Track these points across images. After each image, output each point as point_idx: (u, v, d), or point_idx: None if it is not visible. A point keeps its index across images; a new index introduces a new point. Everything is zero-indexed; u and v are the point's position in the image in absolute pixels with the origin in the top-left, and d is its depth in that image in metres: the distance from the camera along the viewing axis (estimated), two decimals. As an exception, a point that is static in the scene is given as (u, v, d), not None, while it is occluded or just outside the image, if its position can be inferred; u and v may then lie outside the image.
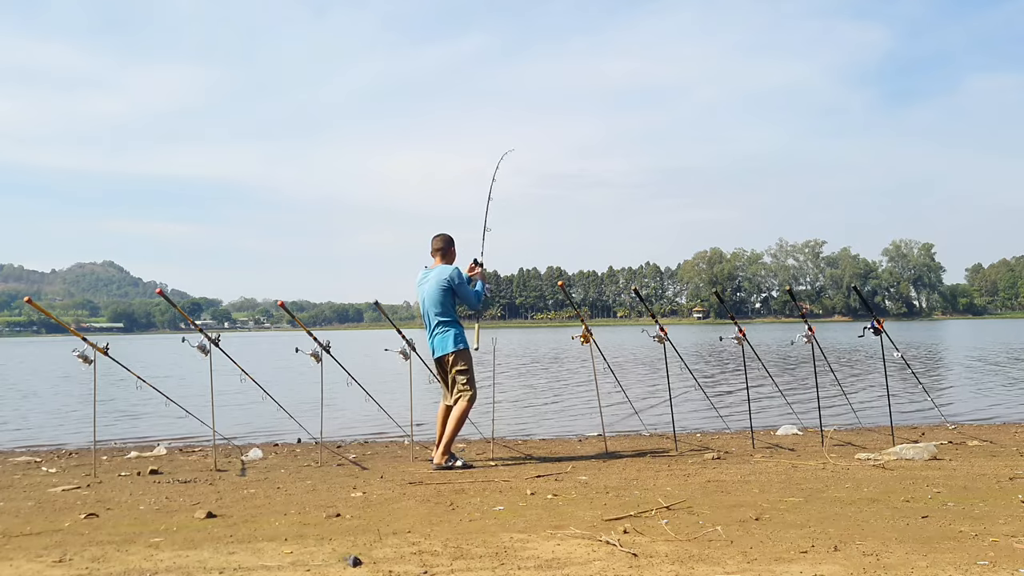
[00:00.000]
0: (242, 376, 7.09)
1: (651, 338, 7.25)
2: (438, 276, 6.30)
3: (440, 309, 6.28)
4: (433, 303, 6.28)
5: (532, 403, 13.02)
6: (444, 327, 6.28)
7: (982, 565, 3.19)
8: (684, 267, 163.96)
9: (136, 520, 4.34)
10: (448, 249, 6.46)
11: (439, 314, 6.28)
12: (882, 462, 6.09)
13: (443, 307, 6.28)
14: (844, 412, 9.98)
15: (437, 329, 6.30)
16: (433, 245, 6.49)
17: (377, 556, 3.45)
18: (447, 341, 6.25)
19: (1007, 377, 16.69)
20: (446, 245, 6.46)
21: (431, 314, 6.32)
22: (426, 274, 6.42)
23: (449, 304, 6.31)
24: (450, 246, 6.47)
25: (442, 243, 6.46)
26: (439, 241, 6.47)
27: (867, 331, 7.16)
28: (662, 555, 3.41)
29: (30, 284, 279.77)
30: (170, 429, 10.01)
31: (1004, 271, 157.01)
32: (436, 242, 6.48)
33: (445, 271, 6.30)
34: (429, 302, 6.31)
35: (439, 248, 6.46)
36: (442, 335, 6.27)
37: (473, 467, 6.28)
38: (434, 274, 6.34)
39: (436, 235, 6.51)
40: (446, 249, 6.46)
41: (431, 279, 6.34)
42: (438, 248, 6.46)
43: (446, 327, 6.28)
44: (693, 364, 20.15)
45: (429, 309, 6.32)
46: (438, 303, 6.27)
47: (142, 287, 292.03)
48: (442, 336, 6.27)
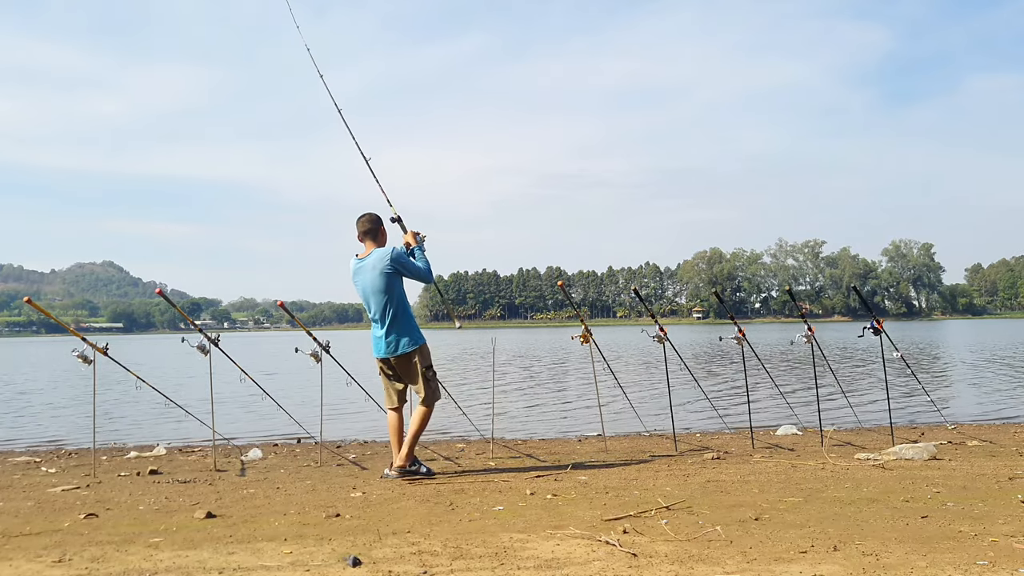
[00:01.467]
0: (242, 376, 7.09)
1: (651, 338, 7.25)
2: (378, 261, 5.51)
3: (390, 300, 5.52)
4: (381, 295, 5.52)
5: (532, 403, 13.02)
6: (399, 321, 5.56)
7: (982, 565, 3.19)
8: (684, 267, 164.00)
9: (136, 520, 4.34)
10: (379, 229, 5.68)
11: (391, 307, 5.53)
12: (881, 462, 6.09)
13: (393, 297, 5.53)
14: (844, 412, 9.98)
15: (391, 324, 5.55)
16: (360, 228, 5.66)
17: (377, 556, 3.45)
18: (407, 337, 5.56)
19: (1007, 377, 16.70)
20: (375, 225, 5.66)
21: (378, 307, 5.55)
22: (361, 263, 5.62)
23: (400, 292, 5.58)
24: (380, 225, 5.68)
25: (370, 223, 5.65)
26: (367, 222, 5.65)
27: (867, 331, 7.16)
28: (662, 555, 3.41)
29: (30, 284, 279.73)
30: (170, 429, 10.01)
31: (1004, 271, 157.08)
32: (363, 224, 5.65)
33: (384, 254, 5.50)
34: (375, 295, 5.54)
35: (368, 230, 5.64)
36: (396, 330, 5.55)
37: (436, 474, 5.79)
38: (371, 261, 5.54)
39: (361, 216, 5.70)
40: (376, 230, 5.67)
41: (368, 267, 5.55)
42: (367, 230, 5.64)
43: (402, 320, 5.57)
44: (693, 364, 20.14)
45: (376, 303, 5.56)
46: (387, 293, 5.51)
47: (142, 287, 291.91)
48: (398, 332, 5.55)
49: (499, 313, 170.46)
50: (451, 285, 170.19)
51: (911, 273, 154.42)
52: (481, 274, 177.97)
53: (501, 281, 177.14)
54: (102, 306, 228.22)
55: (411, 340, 5.58)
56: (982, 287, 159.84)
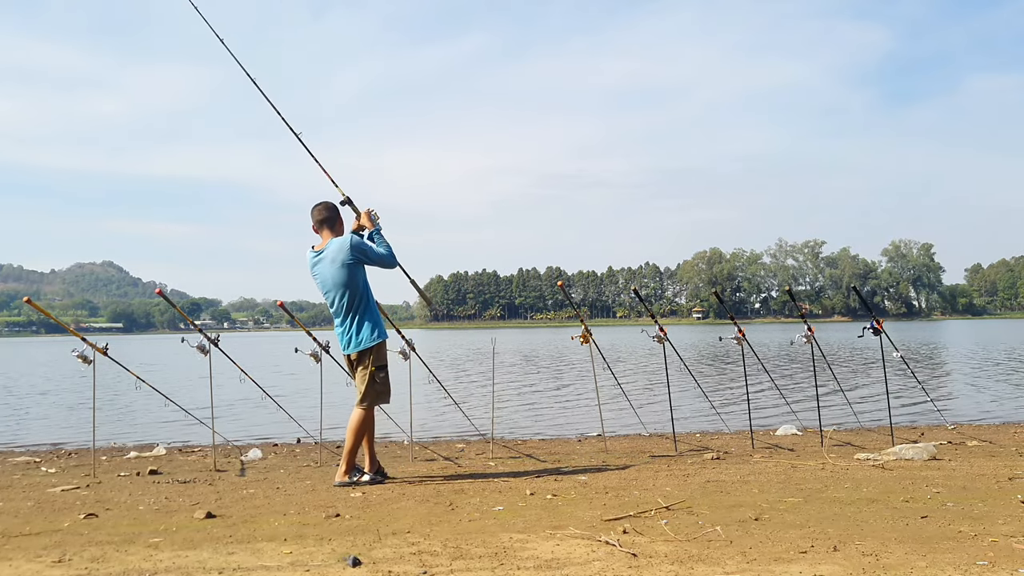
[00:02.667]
0: (241, 376, 7.09)
1: (651, 338, 7.25)
2: (337, 252, 5.22)
3: (353, 293, 5.26)
4: (342, 288, 5.25)
5: (531, 403, 13.02)
6: (361, 315, 5.28)
7: (981, 565, 3.19)
8: (683, 267, 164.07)
9: (135, 520, 4.34)
10: (336, 217, 5.39)
11: (353, 300, 5.27)
12: (881, 462, 6.09)
13: (356, 290, 5.26)
14: (843, 412, 9.98)
15: (352, 318, 5.28)
16: (315, 218, 5.36)
17: (377, 556, 3.45)
18: (367, 332, 5.28)
19: (1006, 377, 16.70)
20: (332, 213, 5.38)
21: (340, 300, 5.27)
22: (318, 255, 5.33)
23: (363, 284, 5.29)
24: (336, 214, 5.40)
25: (327, 211, 5.36)
26: (322, 211, 5.35)
27: (866, 331, 7.17)
28: (662, 555, 3.41)
29: (29, 284, 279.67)
30: (169, 429, 10.02)
31: (1003, 271, 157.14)
32: (318, 213, 5.35)
33: (343, 243, 5.22)
34: (336, 289, 5.26)
35: (324, 218, 5.35)
36: (359, 325, 5.28)
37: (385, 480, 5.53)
38: (331, 252, 5.25)
39: (316, 205, 5.39)
40: (333, 219, 5.38)
41: (327, 259, 5.27)
42: (323, 219, 5.35)
43: (363, 315, 5.29)
44: (692, 364, 20.15)
45: (337, 296, 5.28)
46: (348, 286, 5.24)
47: (141, 287, 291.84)
48: (358, 326, 5.28)
49: (499, 313, 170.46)
50: (451, 285, 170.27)
51: (911, 273, 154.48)
52: (481, 274, 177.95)
53: (501, 281, 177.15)
54: (102, 306, 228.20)
55: (371, 336, 5.29)
56: (982, 287, 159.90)
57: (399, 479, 5.69)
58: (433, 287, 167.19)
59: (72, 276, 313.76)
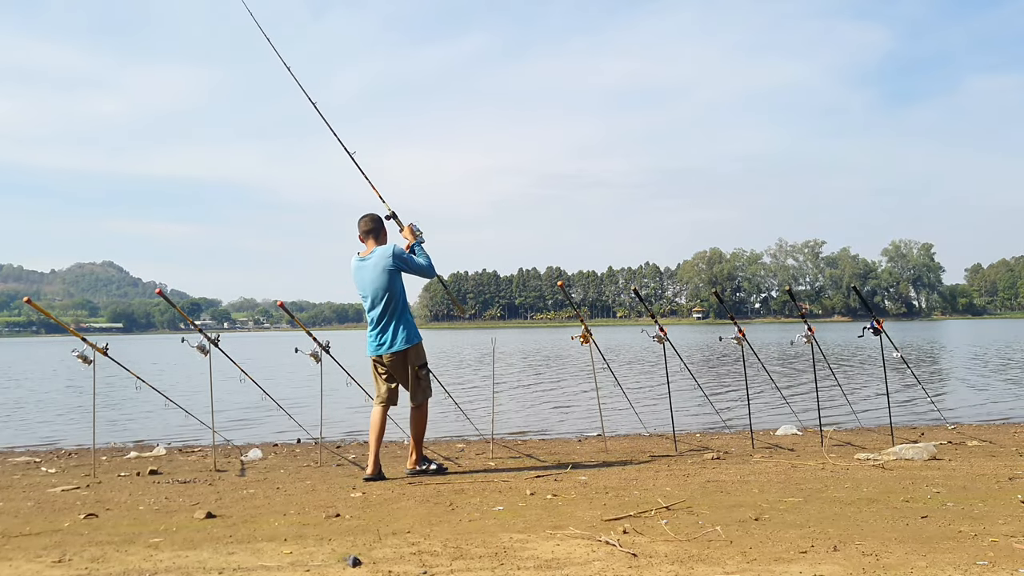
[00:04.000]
0: (242, 376, 7.09)
1: (651, 338, 7.25)
2: (380, 259, 5.64)
3: (391, 298, 5.65)
4: (382, 292, 5.64)
5: (531, 403, 13.02)
6: (397, 319, 5.66)
7: (981, 565, 3.19)
8: (683, 267, 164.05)
9: (135, 520, 4.34)
10: (381, 229, 5.83)
11: (391, 304, 5.65)
12: (881, 462, 6.09)
13: (394, 295, 5.66)
14: (844, 412, 9.98)
15: (388, 322, 5.67)
16: (361, 228, 5.82)
17: (377, 556, 3.45)
18: (402, 335, 5.66)
19: (1006, 377, 16.69)
20: (377, 225, 5.82)
21: (379, 303, 5.66)
22: (362, 261, 5.75)
23: (400, 290, 5.70)
24: (381, 225, 5.83)
25: (372, 223, 5.80)
26: (368, 222, 5.81)
27: (867, 331, 7.17)
28: (662, 555, 3.41)
29: (29, 284, 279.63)
30: (169, 429, 10.01)
31: (1003, 271, 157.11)
32: (365, 224, 5.81)
33: (386, 252, 5.64)
34: (376, 292, 5.65)
35: (370, 229, 5.80)
36: (395, 328, 5.66)
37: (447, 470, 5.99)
38: (374, 258, 5.67)
39: (363, 216, 5.86)
40: (378, 229, 5.82)
41: (370, 264, 5.68)
42: (369, 230, 5.80)
43: (400, 319, 5.67)
44: (692, 364, 20.14)
45: (376, 300, 5.67)
46: (388, 291, 5.63)
47: (141, 287, 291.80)
48: (394, 329, 5.65)
49: (499, 313, 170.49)
50: (451, 285, 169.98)
51: (911, 273, 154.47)
52: (481, 274, 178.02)
53: (501, 281, 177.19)
54: (102, 306, 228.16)
55: (406, 338, 5.68)
56: (982, 287, 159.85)
57: (399, 479, 5.69)
58: (433, 287, 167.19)
59: (72, 276, 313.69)
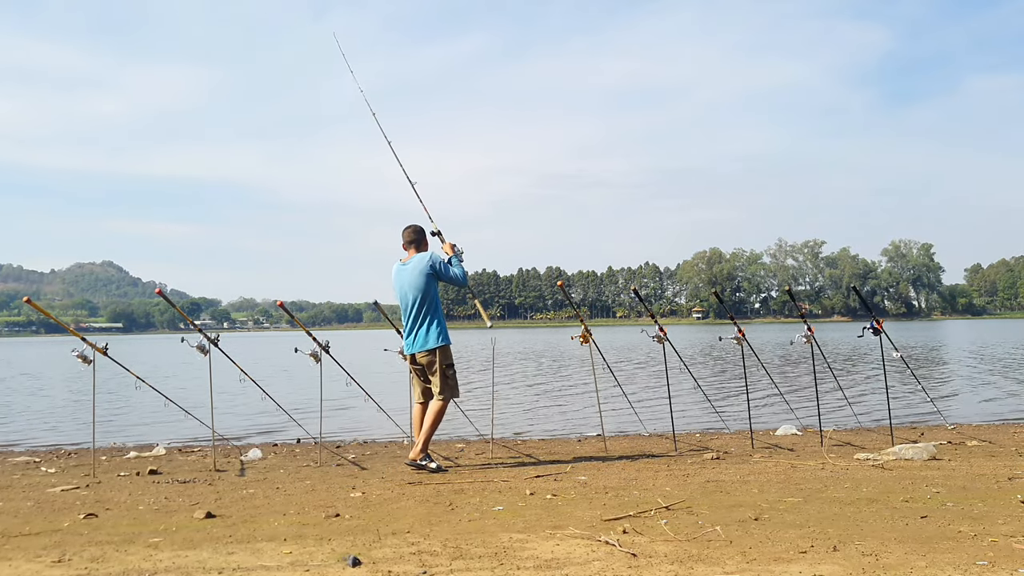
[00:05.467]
0: (241, 376, 7.09)
1: (650, 338, 7.25)
2: (419, 263, 6.16)
3: (425, 299, 6.13)
4: (418, 293, 6.12)
5: (531, 403, 13.02)
6: (430, 320, 6.13)
7: (981, 565, 3.19)
8: (683, 267, 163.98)
9: (135, 520, 4.34)
10: (423, 240, 6.35)
11: (425, 305, 6.13)
12: (881, 462, 6.09)
13: (428, 297, 6.14)
14: (843, 412, 9.98)
15: (422, 322, 6.14)
16: (405, 237, 6.36)
17: (376, 556, 3.45)
18: (434, 335, 6.11)
19: (1006, 377, 16.70)
20: (419, 236, 6.35)
21: (415, 306, 6.15)
22: (403, 266, 6.29)
23: (435, 294, 6.19)
24: (423, 236, 6.37)
25: (414, 234, 6.34)
26: (412, 232, 6.35)
27: (866, 331, 7.17)
28: (661, 555, 3.41)
29: (29, 284, 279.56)
30: (169, 429, 10.01)
31: (1003, 271, 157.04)
32: (408, 234, 6.35)
33: (424, 258, 6.17)
34: (412, 293, 6.14)
35: (413, 239, 6.34)
36: (428, 328, 6.12)
37: (447, 471, 6.12)
38: (413, 263, 6.20)
39: (407, 227, 6.38)
40: (420, 240, 6.34)
41: (410, 269, 6.19)
42: (411, 240, 6.34)
43: (432, 320, 6.14)
44: (692, 364, 20.14)
45: (412, 301, 6.15)
46: (423, 293, 6.12)
47: (141, 287, 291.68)
48: (427, 329, 6.12)
49: (499, 313, 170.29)
50: (451, 285, 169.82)
51: (911, 273, 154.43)
52: (481, 274, 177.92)
53: (501, 281, 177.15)
54: (102, 306, 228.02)
55: (436, 338, 6.11)
56: (982, 287, 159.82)
57: (399, 479, 5.69)
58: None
59: (72, 276, 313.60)
